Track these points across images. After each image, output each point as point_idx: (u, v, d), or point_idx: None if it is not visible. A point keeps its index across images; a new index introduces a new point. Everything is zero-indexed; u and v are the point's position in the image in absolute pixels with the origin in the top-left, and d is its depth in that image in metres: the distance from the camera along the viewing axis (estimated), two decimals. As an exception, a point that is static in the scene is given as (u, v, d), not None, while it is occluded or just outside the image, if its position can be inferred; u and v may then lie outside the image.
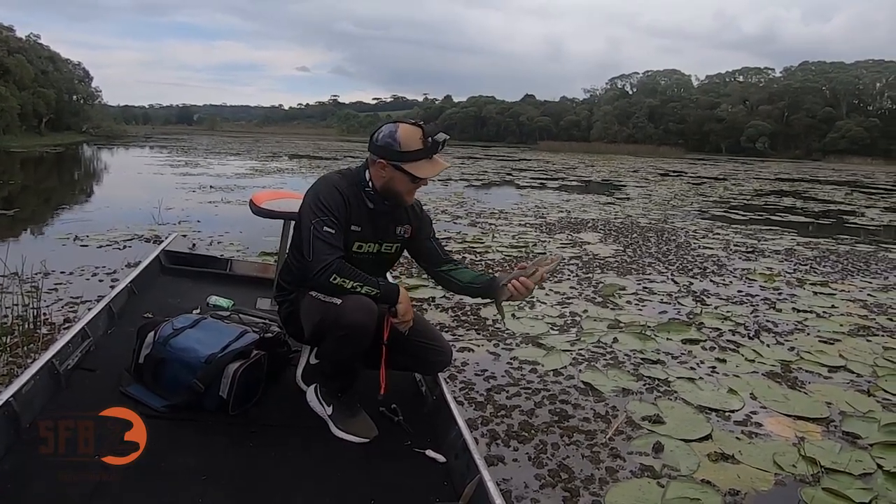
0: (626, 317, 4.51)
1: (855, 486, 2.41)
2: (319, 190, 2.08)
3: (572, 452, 2.58)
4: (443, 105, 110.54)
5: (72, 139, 39.09)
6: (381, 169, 2.08)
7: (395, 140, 2.04)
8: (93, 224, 7.46)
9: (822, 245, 8.53)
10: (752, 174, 29.50)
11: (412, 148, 2.04)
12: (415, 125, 2.08)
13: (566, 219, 9.98)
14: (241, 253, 5.96)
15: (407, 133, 2.05)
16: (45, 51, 45.36)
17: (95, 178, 17.60)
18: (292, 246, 2.28)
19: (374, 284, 2.02)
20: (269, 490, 1.73)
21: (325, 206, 2.02)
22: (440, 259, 2.33)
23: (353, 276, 1.99)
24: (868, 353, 3.97)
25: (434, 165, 2.09)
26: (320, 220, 2.00)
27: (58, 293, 4.34)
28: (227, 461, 1.84)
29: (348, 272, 1.98)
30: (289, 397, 2.29)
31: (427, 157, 2.07)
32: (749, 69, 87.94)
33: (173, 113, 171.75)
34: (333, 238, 2.00)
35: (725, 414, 3.01)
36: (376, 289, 2.01)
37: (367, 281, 2.00)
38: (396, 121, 2.11)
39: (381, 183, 2.10)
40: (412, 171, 2.05)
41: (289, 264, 2.28)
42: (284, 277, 2.28)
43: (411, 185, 2.11)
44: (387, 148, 2.05)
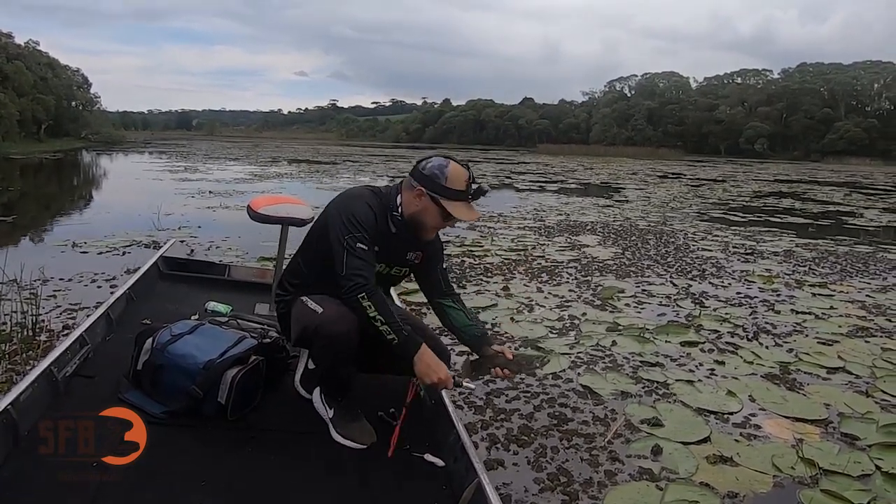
0: (624, 319, 4.52)
1: (853, 487, 2.41)
2: (352, 204, 2.05)
3: (571, 456, 2.58)
4: (442, 109, 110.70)
5: (71, 145, 39.17)
6: (418, 197, 2.05)
7: (442, 173, 2.02)
8: (92, 230, 7.46)
9: (821, 246, 8.54)
10: (751, 176, 29.53)
11: (455, 187, 2.02)
12: (464, 166, 2.06)
13: (565, 221, 9.99)
14: (239, 258, 5.97)
15: (456, 171, 2.04)
16: (44, 57, 45.45)
17: (94, 185, 17.63)
18: (303, 249, 2.25)
19: (398, 330, 1.97)
20: (267, 495, 1.73)
21: (359, 223, 2.00)
22: (442, 291, 2.30)
23: (382, 309, 1.95)
24: (867, 354, 3.97)
25: (469, 211, 2.07)
26: (353, 237, 1.97)
27: (56, 300, 4.34)
28: (226, 466, 1.84)
29: (379, 303, 1.95)
30: (287, 403, 2.30)
31: (465, 201, 2.05)
32: (747, 71, 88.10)
33: (172, 118, 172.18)
34: (367, 255, 1.99)
35: (724, 416, 3.01)
36: (397, 336, 1.97)
37: (391, 321, 1.96)
38: (447, 157, 2.09)
39: (412, 211, 2.07)
40: (449, 208, 2.02)
41: (295, 267, 2.26)
42: (288, 279, 2.27)
43: (440, 222, 2.09)
44: (432, 178, 2.02)
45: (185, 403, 2.01)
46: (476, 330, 2.25)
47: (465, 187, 2.04)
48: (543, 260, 6.67)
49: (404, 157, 35.72)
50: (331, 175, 19.55)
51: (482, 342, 2.22)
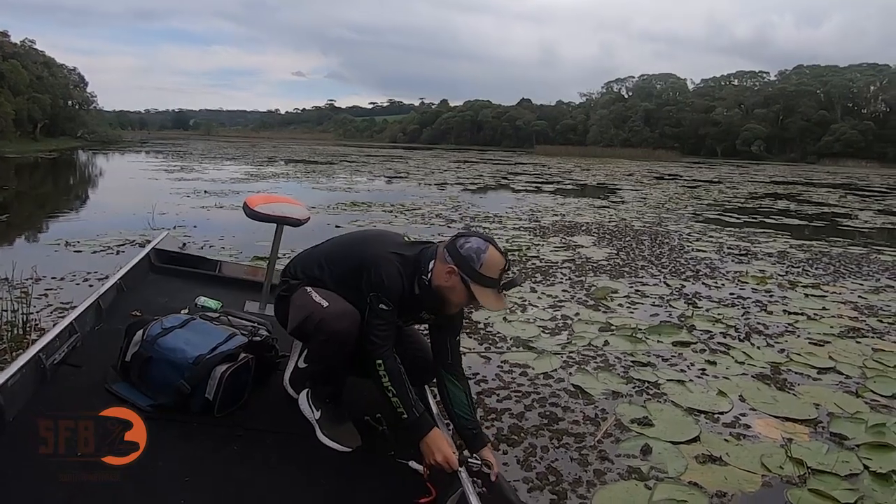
0: (617, 320, 4.52)
1: (841, 486, 2.42)
2: (386, 267, 2.02)
3: (561, 455, 2.59)
4: (439, 109, 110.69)
5: (67, 144, 39.09)
6: (449, 274, 2.00)
7: (479, 259, 1.97)
8: (86, 229, 7.45)
9: (815, 247, 8.56)
10: (747, 177, 29.58)
11: (489, 274, 1.97)
12: (502, 254, 2.02)
13: (560, 222, 10.00)
14: (233, 257, 5.96)
15: (493, 258, 1.98)
16: (40, 56, 45.38)
17: (90, 184, 17.59)
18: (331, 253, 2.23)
19: (410, 407, 1.95)
20: (250, 494, 1.72)
21: (386, 286, 1.99)
22: (447, 363, 2.20)
23: (396, 381, 1.95)
24: (857, 354, 3.99)
25: (497, 300, 2.02)
26: (377, 296, 1.98)
27: (48, 299, 4.34)
28: (211, 464, 1.83)
29: (394, 374, 1.96)
30: (275, 402, 2.28)
31: (494, 289, 2.00)
32: (744, 73, 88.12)
33: (169, 118, 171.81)
34: (389, 315, 1.99)
35: (714, 416, 3.02)
36: (409, 413, 1.95)
37: (405, 396, 1.95)
38: (488, 240, 2.04)
39: (441, 284, 2.03)
40: (477, 294, 1.98)
41: (314, 262, 2.23)
42: (302, 268, 2.24)
43: (466, 302, 2.06)
44: (467, 261, 1.97)
45: (173, 398, 2.00)
46: (470, 422, 2.14)
47: (499, 276, 1.99)
48: (538, 260, 6.67)
49: (401, 158, 35.73)
50: (327, 175, 19.54)
51: (475, 441, 2.11)
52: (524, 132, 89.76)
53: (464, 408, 2.14)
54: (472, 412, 2.16)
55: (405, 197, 13.38)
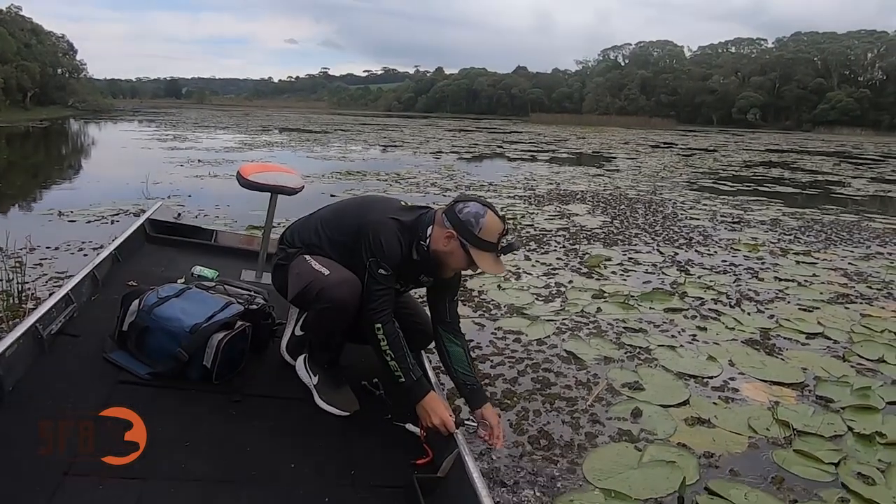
0: (610, 287, 4.57)
1: (825, 447, 2.48)
2: (385, 232, 2.01)
3: (553, 419, 2.64)
4: (434, 77, 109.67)
5: (58, 114, 38.61)
6: (448, 239, 2.01)
7: (478, 223, 1.98)
8: (79, 199, 7.41)
9: (808, 215, 8.60)
10: (742, 145, 29.52)
11: (487, 238, 1.98)
12: (501, 219, 2.02)
13: (555, 191, 10.00)
14: (228, 227, 5.95)
15: (492, 222, 1.99)
16: (28, 23, 44.54)
17: (82, 153, 17.41)
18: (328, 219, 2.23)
19: (408, 370, 1.97)
20: (250, 458, 1.76)
21: (385, 252, 1.99)
22: (446, 323, 2.23)
23: (394, 345, 1.97)
24: (846, 320, 4.05)
25: (496, 264, 2.03)
26: (376, 261, 1.98)
27: (43, 268, 4.35)
28: (210, 429, 1.86)
29: (392, 337, 1.98)
30: (272, 368, 2.31)
31: (493, 253, 2.00)
32: (742, 40, 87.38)
33: (161, 86, 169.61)
34: (387, 280, 2.00)
35: (703, 380, 3.08)
36: (406, 377, 1.97)
37: (402, 360, 1.97)
38: (487, 205, 2.04)
39: (439, 249, 2.03)
40: (476, 257, 1.98)
41: (312, 230, 2.23)
42: (300, 235, 2.24)
43: (464, 267, 2.06)
44: (465, 225, 1.98)
45: (171, 366, 2.02)
46: (471, 378, 2.17)
47: (497, 240, 1.99)
48: (532, 228, 6.69)
49: (396, 126, 35.46)
50: (322, 144, 19.40)
51: (476, 398, 2.14)
52: (520, 100, 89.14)
53: (463, 365, 2.17)
54: (472, 369, 2.20)
55: (400, 166, 13.33)
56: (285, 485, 1.68)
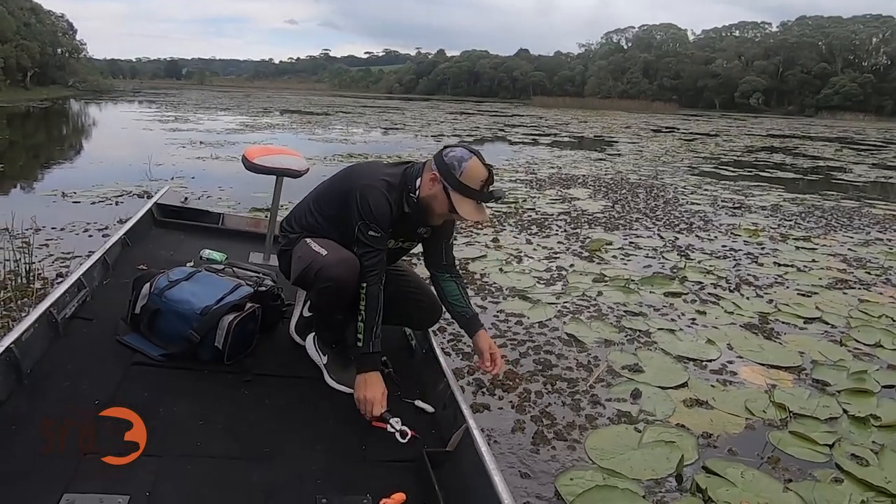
0: (611, 271, 4.61)
1: (820, 429, 2.54)
2: (371, 194, 2.02)
3: (554, 400, 2.69)
4: (436, 59, 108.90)
5: (58, 94, 38.44)
6: (432, 182, 2.03)
7: (460, 166, 1.99)
8: (83, 180, 7.44)
9: (808, 201, 8.63)
10: (745, 130, 29.43)
11: (469, 183, 1.98)
12: (486, 167, 2.02)
13: (557, 175, 10.01)
14: (231, 209, 5.98)
15: (474, 168, 1.99)
16: (27, 2, 44.12)
17: (84, 134, 17.38)
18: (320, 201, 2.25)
19: (369, 339, 1.99)
20: (263, 436, 1.81)
21: (373, 213, 2.01)
22: (441, 265, 2.31)
23: (371, 309, 1.99)
24: (844, 305, 4.10)
25: (476, 211, 2.03)
26: (365, 224, 2.00)
27: (49, 249, 4.39)
28: (223, 408, 1.91)
29: (373, 301, 2.00)
30: (282, 349, 2.36)
31: (475, 200, 2.01)
32: (746, 24, 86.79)
33: (161, 67, 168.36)
34: (377, 241, 2.02)
35: (702, 363, 3.14)
36: (364, 344, 1.99)
37: (370, 327, 1.99)
38: (474, 152, 2.04)
39: (425, 193, 2.06)
40: (455, 202, 1.99)
41: (306, 212, 2.27)
42: (297, 219, 2.28)
43: (446, 213, 2.06)
44: (448, 168, 1.99)
45: (183, 347, 2.07)
46: (466, 310, 2.27)
47: (480, 188, 2.00)
48: (534, 212, 6.73)
49: (398, 109, 35.32)
50: (323, 126, 19.36)
51: (470, 326, 2.25)
52: (522, 83, 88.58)
53: (457, 297, 2.28)
54: (466, 301, 2.29)
55: (402, 148, 13.33)
56: (297, 461, 1.73)
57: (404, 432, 1.90)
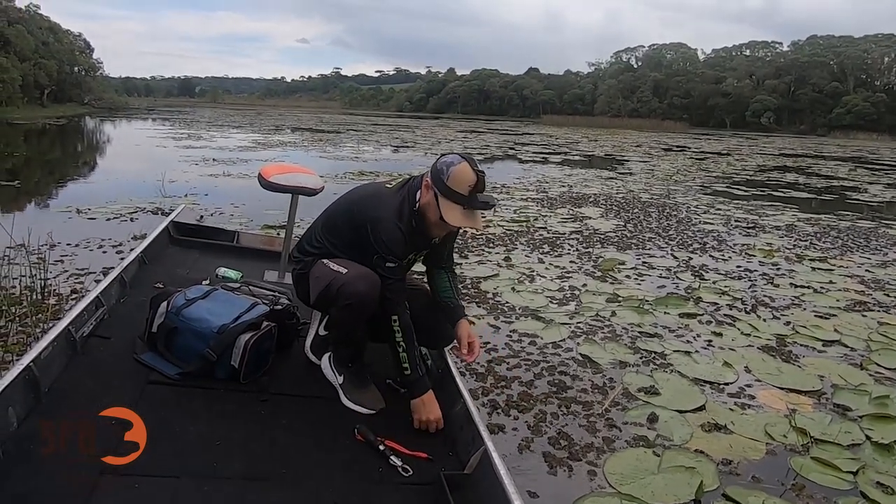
0: (624, 291, 4.58)
1: (843, 455, 2.48)
2: (383, 229, 2.03)
3: (570, 422, 2.66)
4: (446, 78, 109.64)
5: (74, 111, 38.92)
6: (427, 189, 2.03)
7: (447, 171, 1.97)
8: (97, 197, 7.49)
9: (823, 221, 8.56)
10: (756, 149, 29.35)
11: (455, 188, 1.95)
12: (476, 172, 1.98)
13: (568, 193, 10.00)
14: (244, 226, 6.01)
15: (461, 172, 1.96)
16: (46, 21, 44.82)
17: (99, 151, 17.57)
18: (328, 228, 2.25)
19: (416, 365, 2.05)
20: (279, 457, 1.80)
21: (388, 246, 2.02)
22: (440, 264, 2.36)
23: (408, 337, 2.04)
24: (863, 327, 4.04)
25: (465, 217, 1.99)
26: (381, 256, 2.02)
27: (64, 265, 4.41)
28: (239, 428, 1.90)
29: (407, 330, 2.04)
30: (298, 368, 2.36)
31: (461, 206, 1.97)
32: (756, 43, 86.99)
33: (175, 85, 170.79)
34: (395, 271, 2.04)
35: (719, 386, 3.09)
36: (412, 370, 2.05)
37: (412, 353, 2.04)
38: (465, 157, 2.02)
39: (422, 203, 2.06)
40: (442, 208, 1.97)
41: (316, 238, 2.27)
42: (308, 245, 2.29)
43: (438, 221, 2.02)
44: (437, 174, 1.99)
45: (200, 366, 2.07)
46: (451, 298, 2.31)
47: (468, 193, 1.96)
48: (545, 231, 6.71)
49: (408, 127, 35.50)
50: (334, 144, 19.47)
51: (453, 313, 2.28)
52: (531, 102, 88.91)
53: (445, 288, 2.33)
54: (454, 292, 2.32)
55: (412, 166, 13.37)
56: (314, 482, 1.72)
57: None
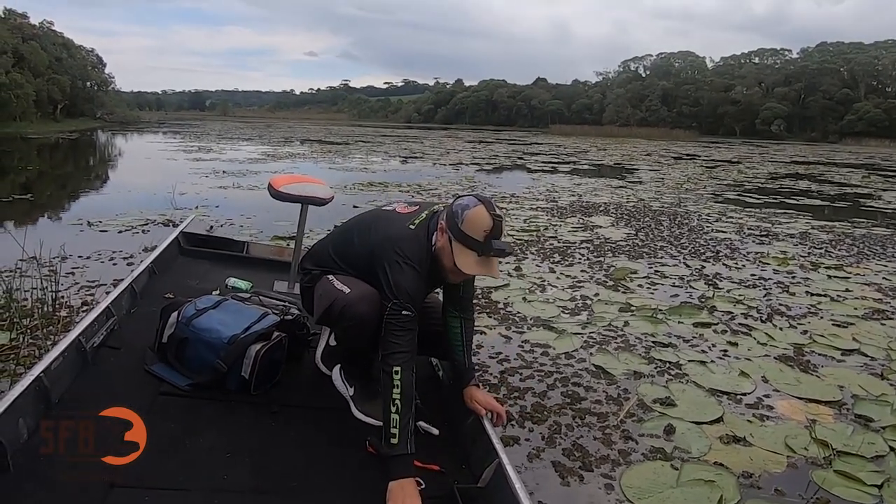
0: (637, 300, 4.52)
1: (867, 468, 2.42)
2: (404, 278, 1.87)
3: (585, 434, 2.61)
4: (454, 89, 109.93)
5: (86, 125, 39.30)
6: (441, 233, 1.91)
7: (461, 215, 1.84)
8: (109, 209, 7.53)
9: (838, 228, 8.47)
10: (767, 157, 29.19)
11: (471, 234, 1.82)
12: (493, 216, 1.84)
13: (578, 202, 9.96)
14: (254, 237, 6.01)
15: (477, 217, 1.82)
16: (59, 37, 45.40)
17: (110, 164, 17.70)
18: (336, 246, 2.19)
19: (406, 437, 1.74)
20: (290, 469, 1.77)
21: (407, 293, 1.85)
22: (453, 302, 2.19)
23: (406, 398, 1.77)
24: (882, 336, 3.97)
25: (481, 265, 1.85)
26: (399, 303, 1.84)
27: (75, 277, 4.42)
28: (250, 440, 1.88)
29: (407, 389, 1.78)
30: (308, 378, 2.34)
31: (476, 252, 1.83)
32: (765, 50, 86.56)
33: (185, 98, 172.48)
34: (411, 322, 1.85)
35: (737, 397, 3.03)
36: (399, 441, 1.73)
37: (405, 420, 1.75)
38: (482, 200, 1.87)
39: (437, 246, 1.94)
40: (455, 253, 1.84)
41: (324, 254, 2.21)
42: (315, 260, 2.24)
43: (453, 267, 1.88)
44: (451, 217, 1.86)
45: (210, 377, 2.05)
46: (461, 356, 2.16)
47: (483, 239, 1.82)
48: (556, 240, 6.67)
49: (416, 138, 35.60)
50: (343, 155, 19.54)
51: (461, 375, 2.16)
52: (539, 112, 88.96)
53: (457, 344, 2.17)
54: (465, 347, 2.17)
55: (421, 177, 13.37)
56: (325, 495, 1.69)
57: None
